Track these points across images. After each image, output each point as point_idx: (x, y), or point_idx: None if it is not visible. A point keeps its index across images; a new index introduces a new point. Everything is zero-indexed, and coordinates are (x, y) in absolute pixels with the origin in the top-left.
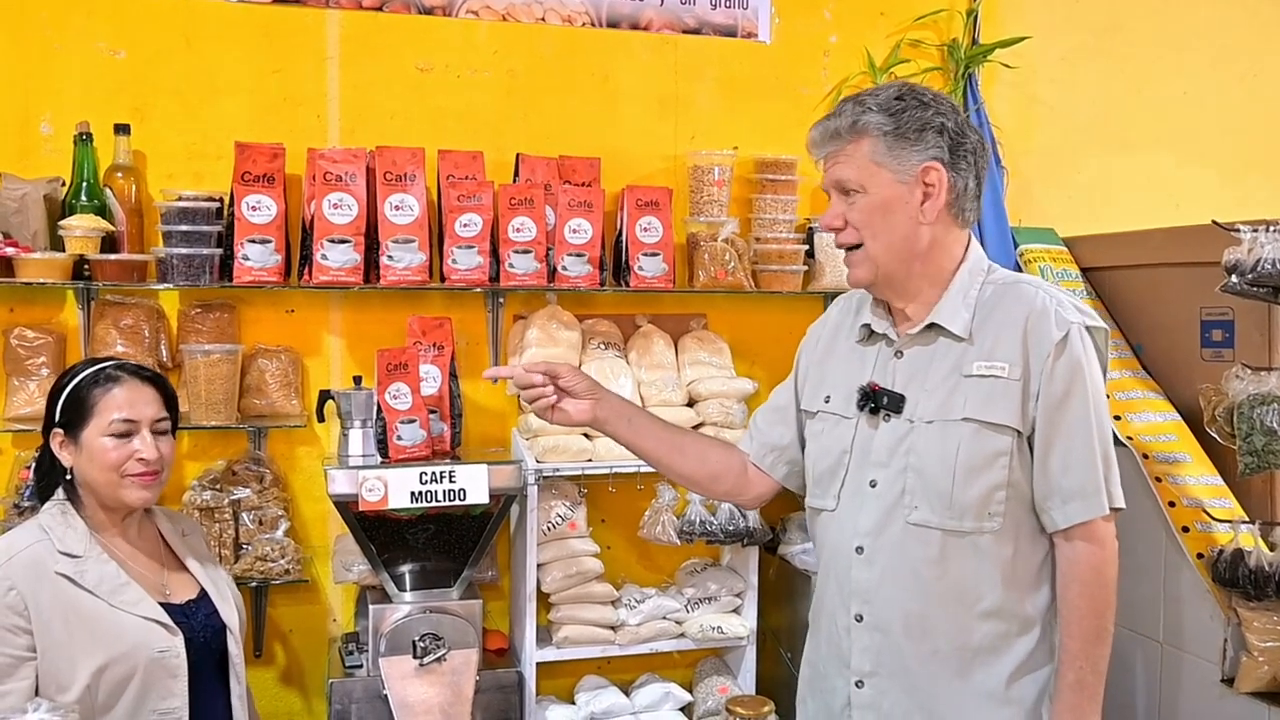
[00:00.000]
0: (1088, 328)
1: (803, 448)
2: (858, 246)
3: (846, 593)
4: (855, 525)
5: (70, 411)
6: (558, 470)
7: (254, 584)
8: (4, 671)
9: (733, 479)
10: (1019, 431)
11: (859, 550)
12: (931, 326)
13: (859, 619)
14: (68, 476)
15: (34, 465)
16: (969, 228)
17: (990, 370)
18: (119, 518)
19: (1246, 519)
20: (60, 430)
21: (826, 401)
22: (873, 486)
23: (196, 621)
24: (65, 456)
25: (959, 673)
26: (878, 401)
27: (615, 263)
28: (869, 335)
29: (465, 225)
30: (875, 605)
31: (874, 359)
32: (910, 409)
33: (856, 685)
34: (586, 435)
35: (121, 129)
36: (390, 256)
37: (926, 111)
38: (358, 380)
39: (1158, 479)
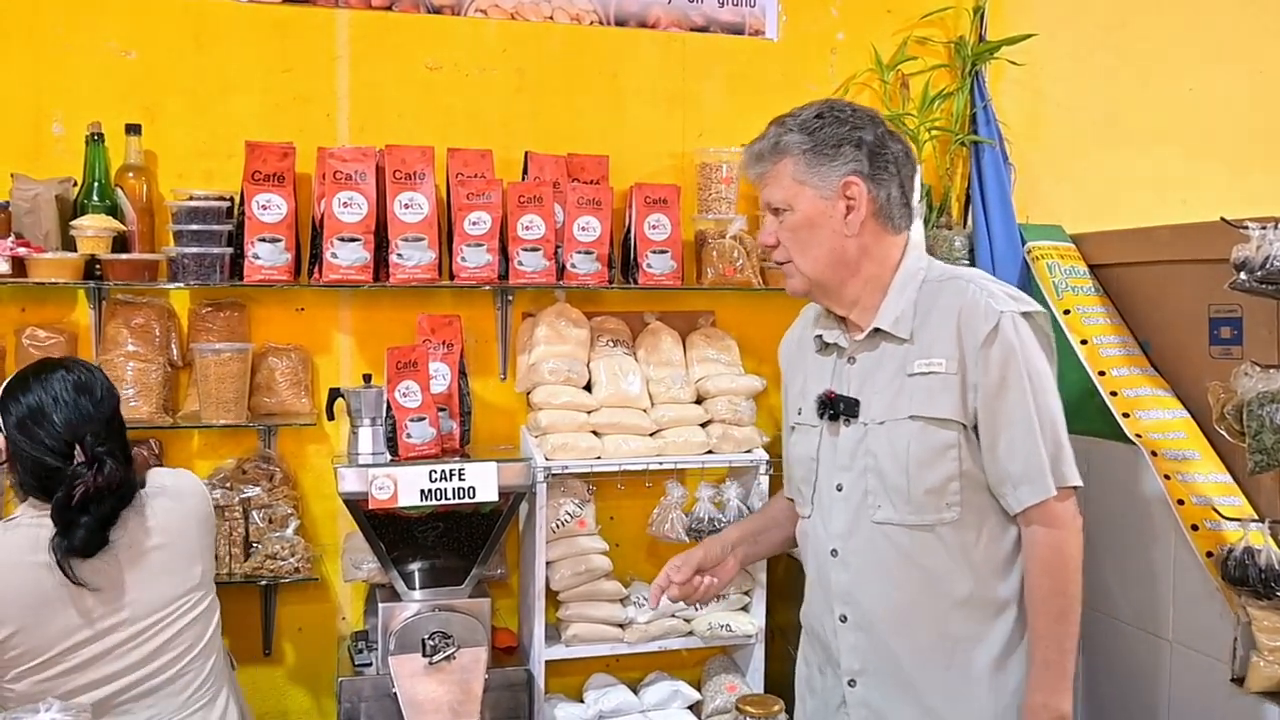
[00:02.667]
0: (1023, 314)
1: None
2: (791, 260)
3: (830, 595)
4: (828, 529)
5: None
6: (566, 468)
7: (264, 582)
8: None
9: (790, 523)
10: (963, 424)
11: (834, 553)
12: (876, 331)
13: (843, 620)
14: None
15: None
16: (903, 233)
17: (929, 368)
18: None
19: (1256, 517)
20: None
21: (799, 414)
22: (839, 490)
23: None
24: None
25: (944, 663)
26: (835, 408)
27: (624, 260)
28: (824, 346)
29: (474, 223)
30: (856, 605)
31: (831, 367)
32: (864, 412)
33: (849, 684)
34: (595, 433)
35: (132, 129)
36: (400, 255)
37: (844, 127)
38: (367, 378)
39: (1166, 476)
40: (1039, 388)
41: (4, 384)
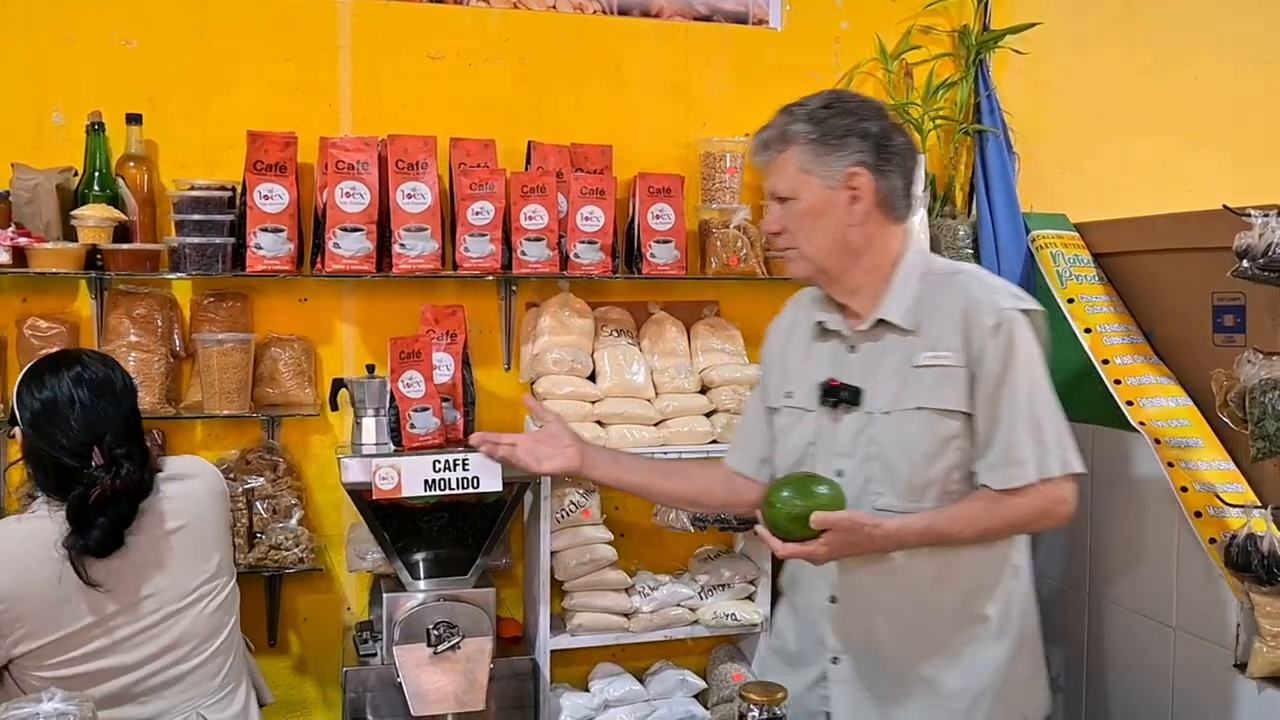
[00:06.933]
0: (1022, 310)
1: None
2: (795, 247)
3: (820, 577)
4: None
5: None
6: None
7: (268, 573)
8: None
9: (721, 491)
10: (967, 414)
11: None
12: (880, 322)
13: (833, 600)
14: None
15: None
16: (904, 223)
17: (936, 360)
18: None
19: (1259, 504)
20: None
21: (788, 396)
22: (839, 476)
23: None
24: None
25: (933, 647)
26: (838, 396)
27: (627, 250)
28: (823, 332)
29: (477, 213)
30: (847, 588)
31: (829, 354)
32: (868, 401)
33: (833, 661)
34: (599, 423)
35: (134, 119)
36: (402, 245)
37: (850, 118)
38: (371, 369)
39: (1170, 464)
40: (1035, 383)
41: (20, 377)
